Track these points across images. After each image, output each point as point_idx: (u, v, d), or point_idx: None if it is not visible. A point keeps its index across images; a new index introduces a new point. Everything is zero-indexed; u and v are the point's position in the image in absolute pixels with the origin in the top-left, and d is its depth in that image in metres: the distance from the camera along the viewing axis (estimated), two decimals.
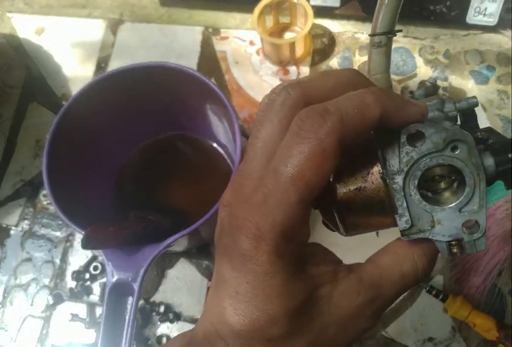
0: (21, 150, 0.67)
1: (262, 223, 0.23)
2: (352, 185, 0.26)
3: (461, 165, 0.24)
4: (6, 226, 0.63)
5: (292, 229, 0.23)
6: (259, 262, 0.23)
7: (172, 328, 0.57)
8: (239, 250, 0.24)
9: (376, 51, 0.27)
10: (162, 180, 0.60)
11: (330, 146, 0.22)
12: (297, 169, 0.22)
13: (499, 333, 0.51)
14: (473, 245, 0.25)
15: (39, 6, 0.76)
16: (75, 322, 0.57)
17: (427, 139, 0.24)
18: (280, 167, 0.23)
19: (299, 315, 0.24)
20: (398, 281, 0.26)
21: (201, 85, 0.49)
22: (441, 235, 0.25)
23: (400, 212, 0.25)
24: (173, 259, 0.59)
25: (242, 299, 0.24)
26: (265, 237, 0.23)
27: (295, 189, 0.22)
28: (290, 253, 0.24)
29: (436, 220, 0.25)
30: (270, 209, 0.23)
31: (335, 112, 0.23)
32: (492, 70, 0.66)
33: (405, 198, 0.25)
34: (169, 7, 0.74)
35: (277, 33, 0.70)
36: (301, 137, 0.23)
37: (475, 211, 0.25)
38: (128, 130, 0.57)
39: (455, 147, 0.24)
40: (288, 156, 0.23)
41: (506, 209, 0.53)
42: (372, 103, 0.23)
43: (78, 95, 0.50)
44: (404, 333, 0.55)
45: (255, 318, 0.24)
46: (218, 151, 0.60)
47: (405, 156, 0.24)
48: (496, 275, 0.53)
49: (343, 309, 0.25)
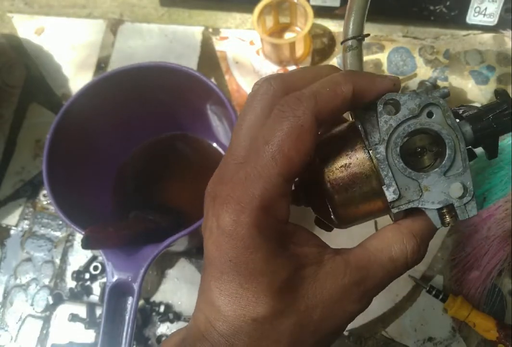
0: (21, 150, 0.67)
1: (242, 196, 0.24)
2: (338, 163, 0.27)
3: (438, 128, 0.25)
4: (6, 226, 0.63)
5: (271, 201, 0.24)
6: (240, 236, 0.24)
7: (172, 328, 0.57)
8: (221, 227, 0.24)
9: (349, 54, 0.30)
10: (162, 180, 0.60)
11: (306, 122, 0.24)
12: (277, 145, 0.24)
13: (499, 333, 0.51)
14: (464, 210, 0.25)
15: (39, 6, 0.76)
16: (75, 322, 0.57)
17: (402, 106, 0.25)
18: (261, 146, 0.24)
19: (283, 294, 0.24)
20: (386, 264, 0.26)
21: (201, 85, 0.49)
22: (430, 202, 0.25)
23: (387, 182, 0.25)
24: (173, 259, 0.59)
25: (226, 279, 0.24)
26: (245, 209, 0.23)
27: (274, 163, 0.24)
28: (270, 228, 0.24)
29: (423, 187, 0.25)
30: (250, 183, 0.24)
31: (309, 94, 0.25)
32: (492, 70, 0.66)
33: (390, 167, 0.25)
34: (169, 7, 0.74)
35: (277, 33, 0.70)
36: (280, 117, 0.24)
37: (460, 174, 0.25)
38: (128, 130, 0.57)
39: (431, 113, 0.25)
40: (268, 135, 0.24)
41: (506, 209, 0.53)
42: (342, 81, 0.25)
43: (78, 95, 0.50)
44: (404, 333, 0.55)
45: (239, 297, 0.24)
46: (218, 151, 0.60)
47: (384, 125, 0.25)
48: (496, 275, 0.53)
49: (329, 290, 0.25)
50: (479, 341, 0.53)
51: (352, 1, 0.30)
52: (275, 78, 0.26)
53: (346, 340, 0.55)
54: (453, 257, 0.56)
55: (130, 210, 0.54)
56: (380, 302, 0.56)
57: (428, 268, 0.57)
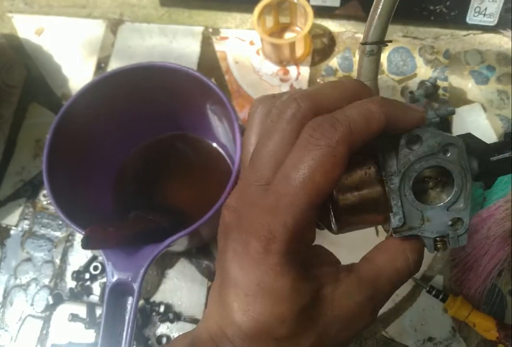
0: (21, 150, 0.67)
1: (274, 226, 0.23)
2: (350, 185, 0.27)
3: (451, 167, 0.26)
4: (6, 226, 0.63)
5: (302, 231, 0.24)
6: (269, 264, 0.24)
7: (172, 328, 0.57)
8: (250, 253, 0.24)
9: (368, 59, 0.30)
10: (162, 180, 0.60)
11: (340, 153, 0.23)
12: (308, 174, 0.23)
13: (499, 333, 0.51)
14: (457, 241, 0.27)
15: (39, 6, 0.76)
16: (75, 322, 0.57)
17: (424, 143, 0.26)
18: (290, 173, 0.23)
19: (305, 316, 0.25)
20: (393, 277, 0.27)
21: (201, 85, 0.49)
22: (429, 231, 0.27)
23: (395, 211, 0.26)
24: (173, 259, 0.59)
25: (252, 300, 0.24)
26: (277, 239, 0.23)
27: (305, 193, 0.23)
28: (298, 255, 0.24)
29: (426, 218, 0.27)
30: (281, 212, 0.23)
31: (344, 121, 0.24)
32: (492, 70, 0.66)
33: (400, 198, 0.26)
34: (169, 7, 0.74)
35: (277, 33, 0.70)
36: (312, 144, 0.23)
37: (461, 209, 0.27)
38: (128, 130, 0.57)
39: (447, 151, 0.26)
40: (299, 162, 0.23)
41: (506, 209, 0.53)
42: (376, 111, 0.24)
43: (78, 95, 0.50)
44: (404, 333, 0.55)
45: (264, 319, 0.24)
46: (218, 151, 0.60)
47: (403, 159, 0.26)
48: (496, 275, 0.53)
49: (345, 308, 0.26)
50: (479, 341, 0.53)
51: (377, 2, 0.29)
52: (303, 98, 0.25)
53: None
54: (453, 257, 0.56)
55: (130, 210, 0.54)
56: None
57: (428, 268, 0.57)
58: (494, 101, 0.64)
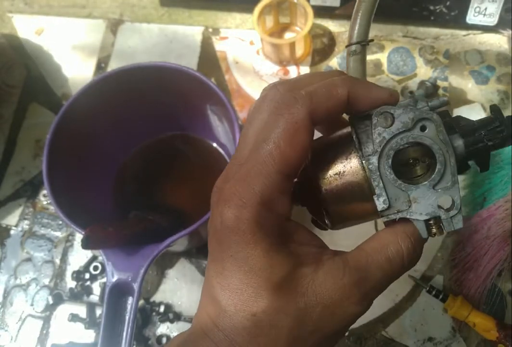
0: (21, 150, 0.67)
1: (243, 192, 0.24)
2: (333, 171, 0.27)
3: (429, 142, 0.26)
4: (6, 226, 0.63)
5: (271, 197, 0.25)
6: (241, 231, 0.24)
7: (172, 328, 0.57)
8: (224, 223, 0.25)
9: (353, 59, 0.31)
10: (162, 179, 0.60)
11: (301, 120, 0.25)
12: (273, 142, 0.25)
13: (499, 333, 0.51)
14: (451, 223, 0.26)
15: (39, 6, 0.76)
16: (75, 322, 0.57)
17: (396, 120, 0.26)
18: (260, 143, 0.25)
19: (282, 290, 0.24)
20: (384, 264, 0.26)
21: (201, 85, 0.49)
22: (418, 213, 0.26)
23: (378, 192, 0.26)
24: (173, 259, 0.59)
25: (228, 274, 0.25)
26: (246, 205, 0.24)
27: (272, 160, 0.24)
28: (271, 224, 0.25)
29: (412, 199, 0.26)
30: (250, 179, 0.24)
31: (306, 92, 0.25)
32: (492, 70, 0.66)
33: (381, 178, 0.26)
34: (169, 7, 0.74)
35: (277, 33, 0.70)
36: (275, 114, 0.25)
37: (448, 188, 0.26)
38: (128, 130, 0.57)
39: (424, 127, 0.26)
40: (266, 133, 0.25)
41: (506, 209, 0.53)
42: (339, 84, 0.26)
43: (78, 95, 0.50)
44: (404, 333, 0.55)
45: (239, 292, 0.24)
46: (218, 151, 0.60)
47: (378, 137, 0.26)
48: (496, 275, 0.53)
49: (328, 290, 0.25)
50: (479, 341, 0.53)
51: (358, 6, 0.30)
52: (282, 83, 0.27)
53: (346, 340, 0.55)
54: (453, 257, 0.56)
55: (130, 210, 0.54)
56: (380, 302, 0.56)
57: (428, 268, 0.57)
58: (494, 101, 0.64)
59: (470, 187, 0.57)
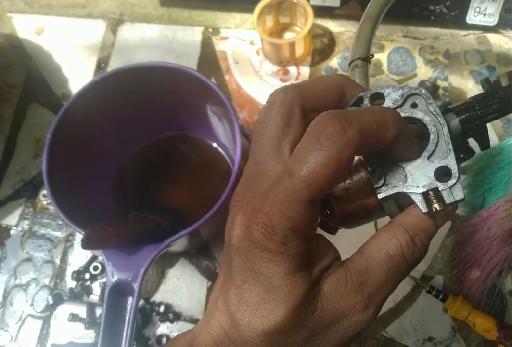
0: (21, 150, 0.67)
1: (274, 215, 0.24)
2: None
3: (421, 115, 0.26)
4: (6, 226, 0.63)
5: (300, 224, 0.24)
6: (267, 249, 0.24)
7: (172, 328, 0.57)
8: (250, 238, 0.24)
9: (356, 72, 0.33)
10: (162, 180, 0.60)
11: (346, 157, 0.23)
12: (312, 175, 0.23)
13: (499, 333, 0.51)
14: (451, 194, 0.25)
15: (39, 6, 0.76)
16: (75, 322, 0.57)
17: (387, 98, 0.26)
18: (295, 170, 0.23)
19: (298, 309, 0.24)
20: (384, 263, 0.26)
21: (201, 85, 0.49)
22: (415, 186, 0.25)
23: (371, 169, 0.26)
24: (173, 259, 0.59)
25: (247, 288, 0.25)
26: (275, 228, 0.24)
27: (307, 191, 0.23)
28: (296, 246, 0.24)
29: (408, 172, 0.25)
30: (282, 203, 0.23)
31: (357, 124, 0.23)
32: (492, 70, 0.66)
33: (375, 155, 0.26)
34: (169, 7, 0.74)
35: (277, 33, 0.70)
36: (319, 143, 0.23)
37: (443, 157, 0.25)
38: (128, 130, 0.57)
39: (415, 104, 0.26)
40: (304, 160, 0.23)
41: (506, 209, 0.53)
42: (391, 122, 0.24)
43: (78, 95, 0.50)
44: (404, 333, 0.55)
45: (256, 307, 0.24)
46: (218, 151, 0.60)
47: None
48: (496, 275, 0.53)
49: (334, 302, 0.25)
50: (479, 341, 0.53)
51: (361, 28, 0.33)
52: (290, 87, 0.27)
53: None
54: (453, 257, 0.56)
55: (130, 210, 0.54)
56: None
57: (428, 268, 0.57)
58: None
59: (470, 187, 0.56)
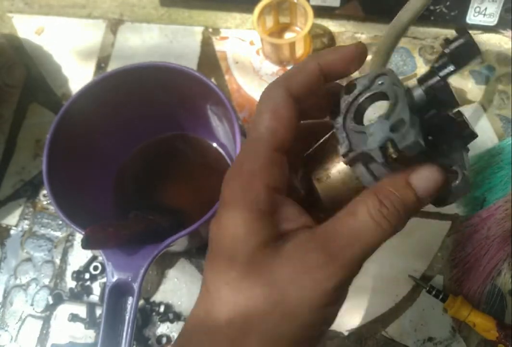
0: (21, 150, 0.67)
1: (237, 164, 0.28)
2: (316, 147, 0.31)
3: (384, 88, 0.27)
4: (6, 226, 0.63)
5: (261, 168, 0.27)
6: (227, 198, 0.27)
7: (172, 328, 0.57)
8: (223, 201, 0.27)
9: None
10: (162, 179, 0.60)
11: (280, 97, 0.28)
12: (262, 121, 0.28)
13: (499, 333, 0.51)
14: (403, 139, 0.24)
15: (39, 6, 0.76)
16: (75, 322, 0.57)
17: (358, 85, 0.28)
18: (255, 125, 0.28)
19: (256, 257, 0.25)
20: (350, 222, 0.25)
21: (201, 85, 0.49)
22: (372, 143, 0.26)
23: (341, 141, 0.27)
24: (173, 259, 0.59)
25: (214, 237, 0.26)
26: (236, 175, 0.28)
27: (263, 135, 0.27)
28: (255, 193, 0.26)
29: (369, 135, 0.26)
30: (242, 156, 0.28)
31: (282, 75, 0.29)
32: (492, 70, 0.66)
33: (346, 131, 0.27)
34: (169, 7, 0.74)
35: (277, 33, 0.70)
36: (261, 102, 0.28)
37: (399, 113, 0.25)
38: (128, 130, 0.57)
39: (382, 83, 0.28)
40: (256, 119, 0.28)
41: (506, 209, 0.53)
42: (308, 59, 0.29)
43: (78, 95, 0.50)
44: (404, 333, 0.55)
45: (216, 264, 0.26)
46: (218, 151, 0.60)
47: (343, 103, 0.28)
48: (496, 275, 0.53)
49: (293, 259, 0.25)
50: (479, 341, 0.53)
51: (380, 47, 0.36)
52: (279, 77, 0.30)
53: (346, 340, 0.55)
54: (453, 257, 0.56)
55: (130, 210, 0.54)
56: (380, 302, 0.56)
57: (428, 268, 0.57)
58: (494, 101, 0.64)
59: (470, 187, 0.57)
